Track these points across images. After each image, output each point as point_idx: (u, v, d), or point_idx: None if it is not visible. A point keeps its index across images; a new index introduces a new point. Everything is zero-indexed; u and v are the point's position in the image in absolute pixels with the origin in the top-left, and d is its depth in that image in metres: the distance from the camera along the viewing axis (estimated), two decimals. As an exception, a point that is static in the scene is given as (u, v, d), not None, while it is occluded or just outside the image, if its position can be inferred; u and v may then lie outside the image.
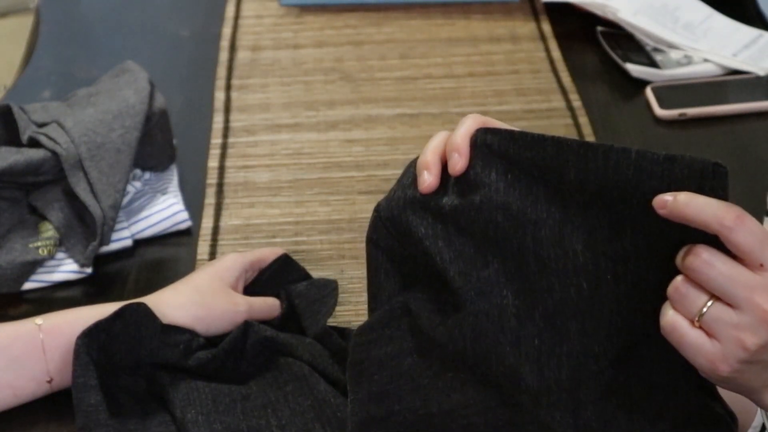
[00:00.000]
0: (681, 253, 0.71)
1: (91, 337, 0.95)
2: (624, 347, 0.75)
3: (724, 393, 0.78)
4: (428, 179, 0.78)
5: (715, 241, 0.70)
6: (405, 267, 0.81)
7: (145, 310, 0.97)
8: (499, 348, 0.76)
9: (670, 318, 0.71)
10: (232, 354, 1.00)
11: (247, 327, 1.01)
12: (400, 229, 0.80)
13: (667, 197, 0.71)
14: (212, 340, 1.01)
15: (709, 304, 0.70)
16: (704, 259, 0.70)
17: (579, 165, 0.74)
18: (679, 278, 0.71)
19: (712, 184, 0.71)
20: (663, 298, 0.73)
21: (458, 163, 0.77)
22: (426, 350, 0.80)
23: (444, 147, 0.79)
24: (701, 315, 0.70)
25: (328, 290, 1.08)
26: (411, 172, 0.80)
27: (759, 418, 0.89)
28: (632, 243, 0.74)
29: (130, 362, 0.98)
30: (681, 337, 0.71)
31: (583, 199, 0.74)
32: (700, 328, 0.70)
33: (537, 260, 0.75)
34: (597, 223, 0.74)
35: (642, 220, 0.73)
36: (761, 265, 0.69)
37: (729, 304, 0.70)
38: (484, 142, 0.77)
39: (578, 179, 0.74)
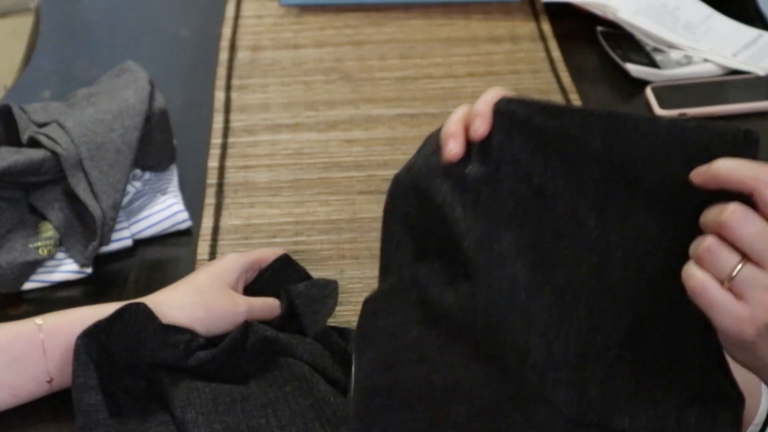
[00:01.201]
0: (713, 211, 0.70)
1: (90, 337, 0.95)
2: (631, 326, 0.75)
3: None
4: (454, 147, 0.77)
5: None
6: (419, 237, 0.81)
7: (144, 310, 0.97)
8: (509, 320, 0.76)
9: (701, 279, 0.70)
10: (232, 354, 1.00)
11: (247, 327, 1.01)
12: (420, 195, 0.79)
13: (704, 167, 0.70)
14: (212, 340, 1.01)
15: (740, 266, 0.69)
16: (741, 214, 0.68)
17: (606, 133, 0.73)
18: (710, 237, 0.70)
19: (744, 151, 0.70)
20: (671, 279, 0.72)
21: (480, 128, 0.76)
22: (433, 322, 0.79)
23: (466, 118, 0.78)
24: (732, 277, 0.69)
25: (328, 290, 1.08)
26: (433, 140, 0.80)
27: (760, 415, 0.89)
28: (644, 221, 0.74)
29: (130, 362, 0.98)
30: (710, 299, 0.69)
31: (601, 172, 0.74)
32: (729, 290, 0.69)
33: (552, 233, 0.75)
34: (610, 199, 0.74)
35: (661, 193, 0.73)
36: None
37: (761, 266, 0.68)
38: (508, 109, 0.76)
39: (602, 150, 0.74)
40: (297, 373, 0.99)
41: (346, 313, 1.09)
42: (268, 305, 1.05)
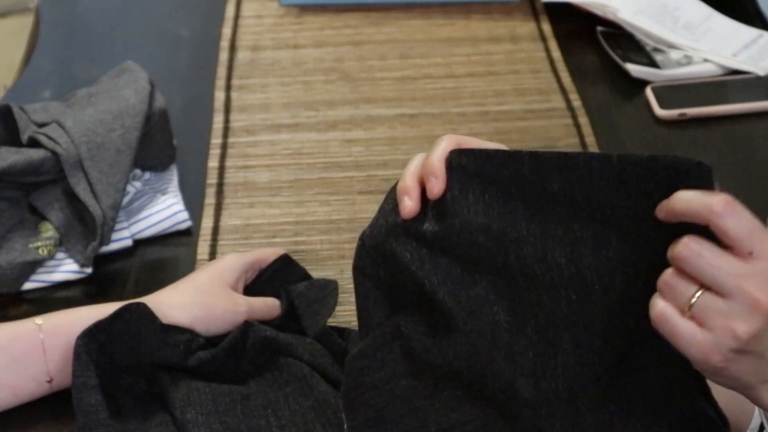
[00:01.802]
0: (672, 245, 0.71)
1: (90, 337, 0.95)
2: (619, 355, 0.75)
3: (721, 394, 0.78)
4: (409, 204, 0.78)
5: (706, 235, 0.70)
6: (393, 292, 0.81)
7: (144, 310, 0.97)
8: (494, 364, 0.76)
9: (660, 308, 0.71)
10: (232, 354, 1.00)
11: (247, 327, 1.01)
12: (386, 256, 0.79)
13: (664, 202, 0.71)
14: (212, 340, 1.01)
15: (698, 294, 0.70)
16: (692, 249, 0.70)
17: (562, 176, 0.74)
18: (668, 270, 0.71)
19: (698, 183, 0.71)
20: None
21: (436, 187, 0.77)
22: (420, 372, 0.80)
23: (421, 171, 0.78)
24: (691, 305, 0.70)
25: (328, 290, 1.08)
26: (392, 198, 0.80)
27: (756, 419, 0.89)
28: (618, 252, 0.74)
29: (131, 362, 0.98)
30: (672, 328, 0.71)
31: (565, 212, 0.74)
32: (691, 318, 0.70)
33: (523, 276, 0.75)
34: (579, 236, 0.74)
35: (629, 224, 0.73)
36: (750, 253, 0.69)
37: (719, 294, 0.70)
38: (459, 164, 0.76)
39: (562, 191, 0.74)
40: (297, 373, 0.99)
41: (346, 313, 1.09)
42: (268, 305, 1.05)
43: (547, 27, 1.56)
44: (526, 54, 1.50)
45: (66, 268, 1.13)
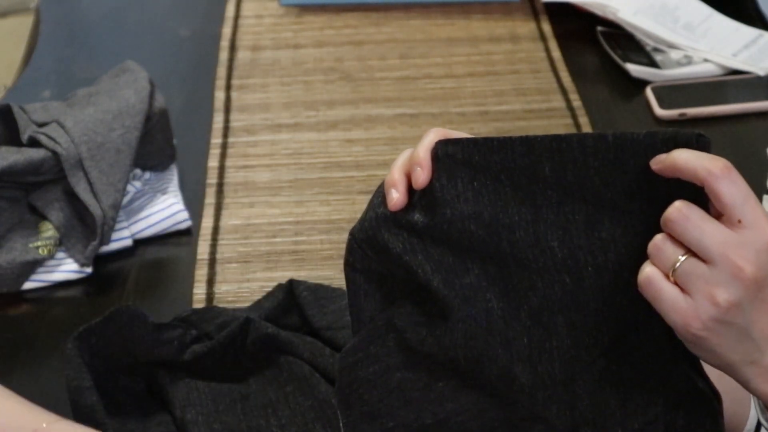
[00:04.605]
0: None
1: (81, 340, 0.95)
2: (614, 336, 0.76)
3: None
4: (396, 196, 0.78)
5: (701, 205, 0.71)
6: (385, 286, 0.81)
7: (136, 311, 0.97)
8: (490, 350, 0.76)
9: (647, 272, 0.71)
10: (231, 349, 1.00)
11: (247, 323, 1.00)
12: (377, 248, 0.80)
13: (663, 156, 0.72)
14: (208, 334, 1.01)
15: (683, 258, 0.70)
16: (682, 211, 0.70)
17: (554, 158, 0.74)
18: (659, 234, 0.72)
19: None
20: None
21: (420, 177, 0.77)
22: (414, 363, 0.80)
23: (408, 164, 0.78)
24: (675, 269, 0.70)
25: (337, 294, 1.07)
26: (380, 192, 0.80)
27: (752, 420, 0.89)
28: (610, 232, 0.74)
29: (127, 362, 0.98)
30: (655, 292, 0.71)
31: (556, 195, 0.75)
32: (675, 284, 0.70)
33: (516, 262, 0.76)
34: (571, 218, 0.75)
35: (623, 202, 0.73)
36: (740, 221, 0.69)
37: (704, 260, 0.70)
38: (445, 153, 0.76)
39: (554, 174, 0.74)
40: (298, 373, 0.99)
41: (346, 313, 1.09)
42: None
43: (547, 27, 1.56)
44: (526, 54, 1.50)
45: (66, 268, 1.13)
